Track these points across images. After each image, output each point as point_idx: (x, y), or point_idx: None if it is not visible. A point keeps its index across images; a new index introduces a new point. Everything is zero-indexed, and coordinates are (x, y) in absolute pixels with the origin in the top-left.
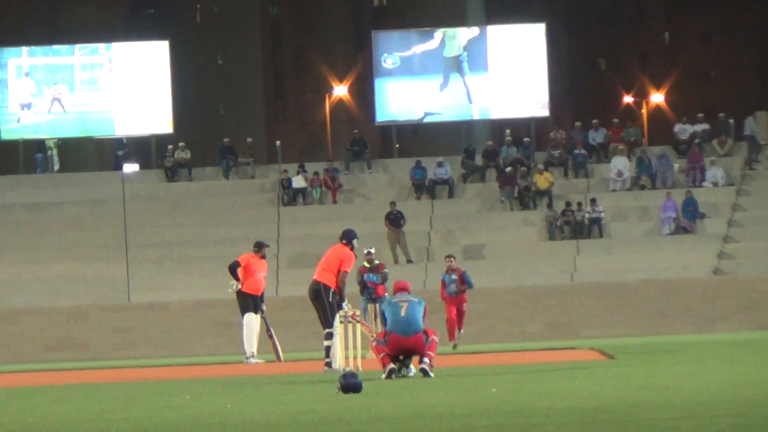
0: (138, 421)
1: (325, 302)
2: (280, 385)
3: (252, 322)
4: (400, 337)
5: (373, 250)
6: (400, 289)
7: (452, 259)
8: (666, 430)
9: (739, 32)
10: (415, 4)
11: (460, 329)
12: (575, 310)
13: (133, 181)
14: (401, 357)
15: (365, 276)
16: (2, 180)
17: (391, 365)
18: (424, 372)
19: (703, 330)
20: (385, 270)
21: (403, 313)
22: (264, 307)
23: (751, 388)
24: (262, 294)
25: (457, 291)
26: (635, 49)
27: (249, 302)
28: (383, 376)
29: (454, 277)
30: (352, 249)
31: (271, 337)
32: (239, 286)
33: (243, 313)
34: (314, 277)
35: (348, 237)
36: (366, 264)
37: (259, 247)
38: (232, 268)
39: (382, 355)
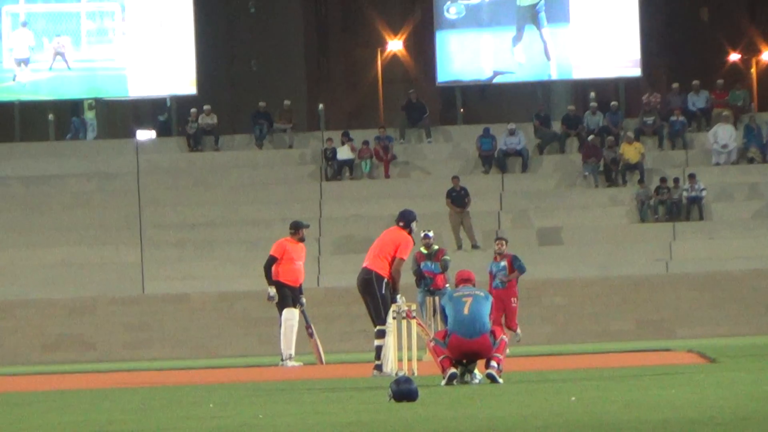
0: None
1: (376, 294)
2: (321, 392)
3: (291, 318)
4: (462, 339)
5: (431, 234)
6: (464, 280)
7: (503, 243)
8: None
9: None
10: None
11: (514, 329)
12: (670, 305)
13: (148, 150)
14: (464, 361)
15: (422, 264)
16: None
17: (453, 370)
18: (492, 378)
19: None
20: (446, 257)
21: (466, 311)
22: (303, 300)
23: None
24: (301, 285)
25: (504, 282)
26: None
27: (287, 295)
28: (443, 382)
29: (503, 264)
30: (410, 233)
31: (311, 335)
32: (273, 298)
33: (280, 308)
34: (364, 265)
35: (406, 219)
36: (423, 250)
37: (296, 228)
38: (268, 269)
39: (442, 357)
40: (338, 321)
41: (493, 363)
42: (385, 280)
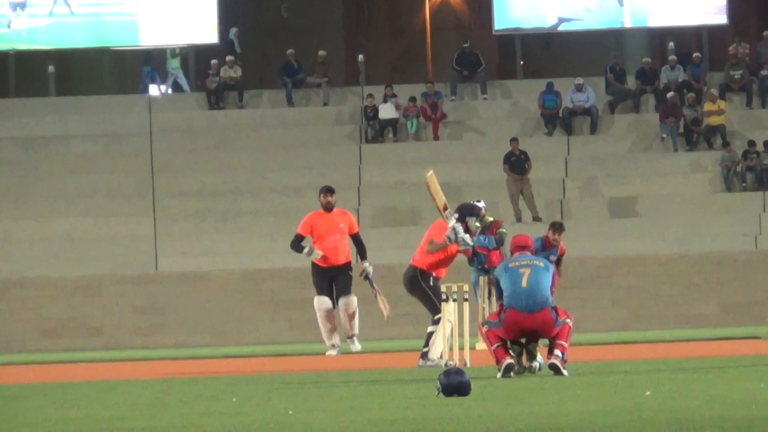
0: (167, 431)
1: (424, 289)
2: (360, 385)
3: (318, 308)
4: (521, 314)
5: (482, 203)
6: (521, 247)
7: (561, 234)
8: None
9: None
10: None
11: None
12: (760, 287)
13: (163, 107)
14: (523, 341)
15: (474, 239)
16: None
17: (509, 360)
18: (555, 369)
19: None
20: (501, 229)
21: (524, 283)
22: (370, 269)
23: None
24: (347, 264)
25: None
26: None
27: (321, 280)
28: (499, 374)
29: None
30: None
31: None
32: (318, 253)
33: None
34: (411, 262)
35: (462, 213)
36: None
37: (324, 194)
38: (295, 246)
39: (496, 346)
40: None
41: (557, 351)
42: (432, 274)
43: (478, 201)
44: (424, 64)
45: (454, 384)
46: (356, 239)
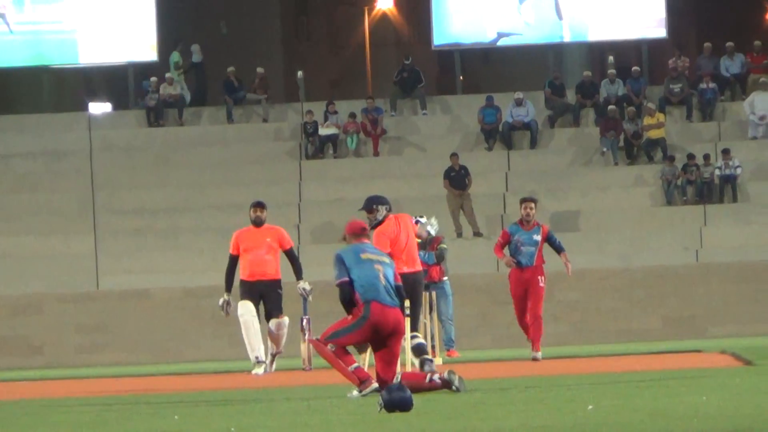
0: None
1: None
2: (302, 401)
3: (245, 315)
4: (385, 306)
5: (424, 220)
6: (358, 234)
7: (533, 205)
8: None
9: None
10: None
11: (534, 342)
12: (701, 300)
13: (103, 125)
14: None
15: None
16: None
17: (375, 385)
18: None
19: None
20: (443, 245)
21: (383, 281)
22: (305, 288)
23: None
24: (276, 280)
25: (532, 260)
26: None
27: (249, 295)
28: (365, 391)
29: (536, 237)
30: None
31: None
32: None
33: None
34: (411, 269)
35: (371, 202)
36: (417, 238)
37: (253, 209)
38: (228, 270)
39: (354, 367)
40: (320, 319)
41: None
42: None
43: (421, 217)
44: (363, 80)
45: (396, 400)
46: (290, 255)
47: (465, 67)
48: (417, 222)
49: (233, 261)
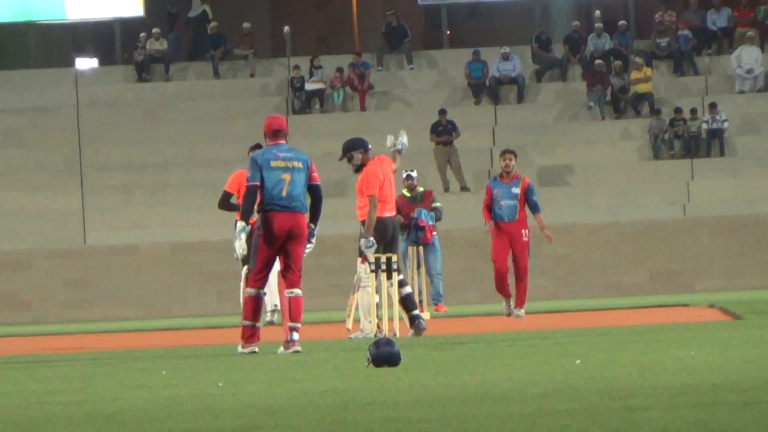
0: (96, 404)
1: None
2: (290, 357)
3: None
4: (278, 213)
5: (414, 174)
6: (274, 134)
7: (512, 157)
8: None
9: None
10: None
11: (519, 301)
12: (689, 254)
13: (90, 81)
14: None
15: (416, 212)
16: None
17: (254, 349)
18: (294, 353)
19: None
20: (438, 204)
21: (284, 192)
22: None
23: None
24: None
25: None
26: None
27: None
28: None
29: (515, 190)
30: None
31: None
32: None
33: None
34: (391, 213)
35: (348, 147)
36: (406, 193)
37: (252, 150)
38: (224, 204)
39: (249, 324)
40: (308, 275)
41: (294, 336)
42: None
43: (411, 171)
44: (350, 35)
45: (384, 355)
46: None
47: (452, 22)
48: (408, 176)
49: (228, 196)
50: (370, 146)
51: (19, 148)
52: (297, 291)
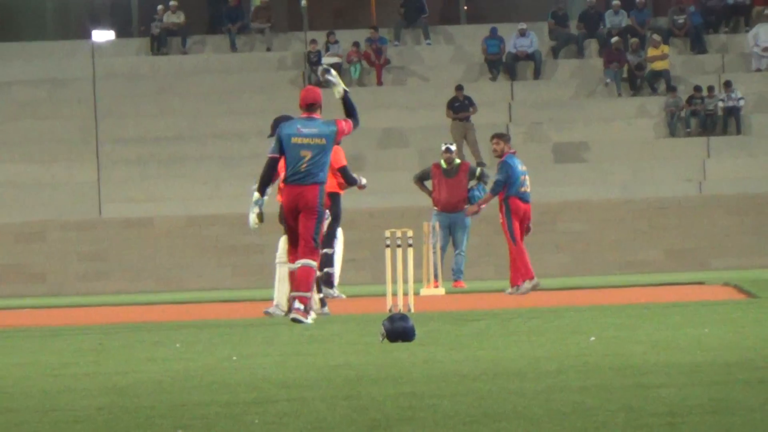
0: (110, 377)
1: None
2: (304, 331)
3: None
4: (292, 187)
5: (453, 147)
6: (308, 107)
7: (500, 144)
8: None
9: None
10: None
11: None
12: (704, 232)
13: (106, 53)
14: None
15: (475, 190)
16: None
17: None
18: (297, 321)
19: None
20: (478, 171)
21: (303, 167)
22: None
23: None
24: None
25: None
26: None
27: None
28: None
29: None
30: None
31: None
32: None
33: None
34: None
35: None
36: (443, 164)
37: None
38: (267, 177)
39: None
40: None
41: (297, 305)
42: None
43: (451, 144)
44: (367, 9)
45: (398, 330)
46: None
47: None
48: (447, 149)
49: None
50: None
51: (35, 120)
52: (304, 261)
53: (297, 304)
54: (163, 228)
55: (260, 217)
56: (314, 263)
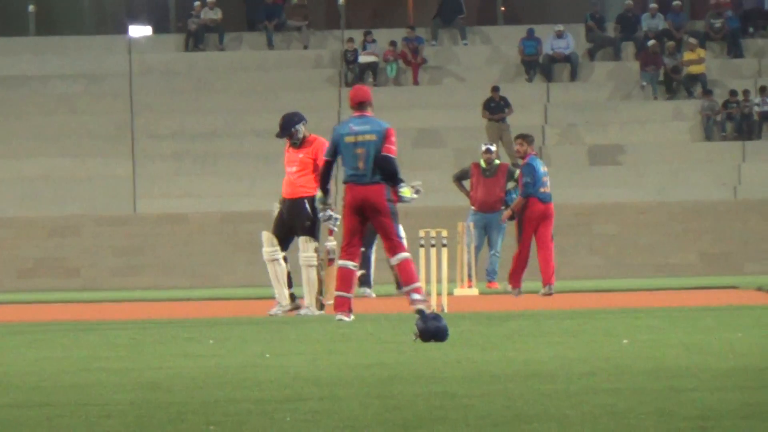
0: (142, 372)
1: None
2: (337, 329)
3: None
4: (354, 185)
5: (494, 147)
6: (358, 106)
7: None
8: None
9: None
10: None
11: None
12: (738, 236)
13: (143, 49)
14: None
15: (512, 193)
16: None
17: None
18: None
19: None
20: (519, 169)
21: (361, 165)
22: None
23: None
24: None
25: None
26: None
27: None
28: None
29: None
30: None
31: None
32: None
33: None
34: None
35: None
36: (482, 164)
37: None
38: (325, 180)
39: (341, 294)
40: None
41: (415, 296)
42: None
43: (491, 144)
44: (404, 8)
45: (431, 329)
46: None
47: None
48: (488, 149)
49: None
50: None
51: (72, 114)
52: (400, 255)
53: (414, 296)
54: (198, 224)
55: (327, 206)
56: (409, 255)
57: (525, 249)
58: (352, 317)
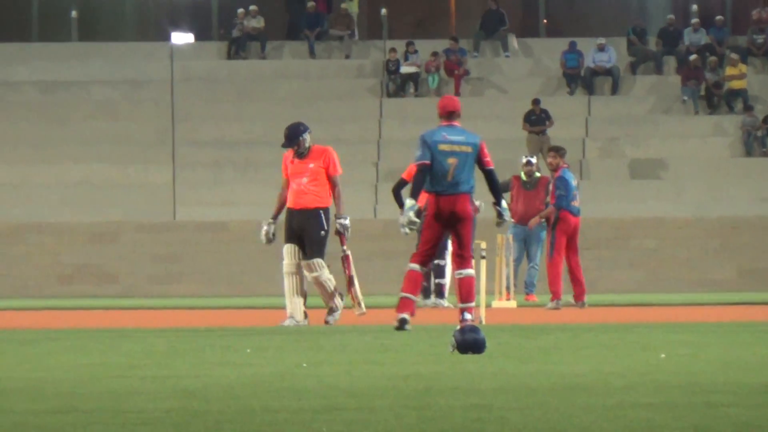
0: (179, 380)
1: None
2: (374, 340)
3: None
4: (441, 196)
5: (534, 160)
6: (447, 115)
7: (555, 155)
8: None
9: None
10: None
11: (578, 297)
12: None
13: (185, 56)
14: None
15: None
16: (8, 48)
17: (405, 314)
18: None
19: None
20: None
21: (450, 177)
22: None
23: None
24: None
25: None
26: None
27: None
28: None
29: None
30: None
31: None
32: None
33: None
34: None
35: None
36: (523, 177)
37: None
38: (396, 189)
39: (407, 296)
40: (397, 258)
41: (467, 315)
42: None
43: (532, 157)
44: (447, 19)
45: (469, 341)
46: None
47: (549, 11)
48: (528, 162)
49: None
50: None
51: (112, 121)
52: (467, 271)
53: (467, 316)
54: (237, 232)
55: (416, 214)
56: (474, 273)
57: (558, 261)
58: (409, 327)
